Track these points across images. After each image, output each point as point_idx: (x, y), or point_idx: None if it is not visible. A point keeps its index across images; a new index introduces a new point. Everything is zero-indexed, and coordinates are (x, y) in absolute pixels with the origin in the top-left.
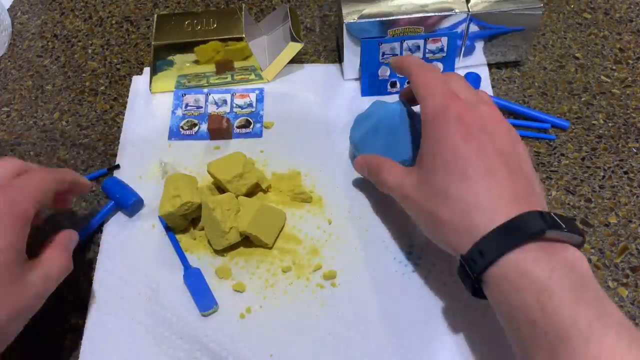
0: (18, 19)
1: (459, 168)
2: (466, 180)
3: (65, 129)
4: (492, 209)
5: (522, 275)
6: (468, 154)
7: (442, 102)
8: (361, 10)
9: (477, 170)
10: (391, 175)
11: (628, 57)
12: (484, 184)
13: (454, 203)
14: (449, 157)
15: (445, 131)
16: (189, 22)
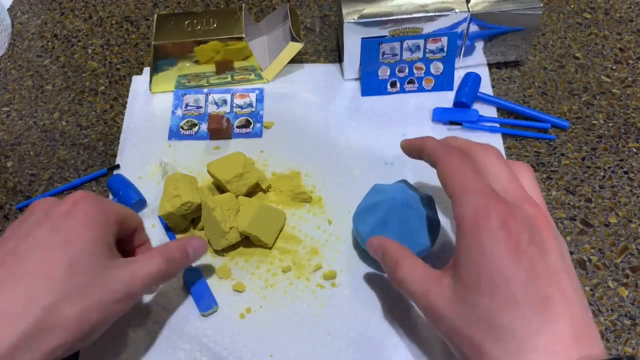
0: (18, 19)
1: (510, 293)
2: (519, 310)
3: (65, 129)
4: (550, 352)
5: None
6: (519, 275)
7: (482, 204)
8: (361, 10)
9: (531, 298)
10: (412, 277)
11: (628, 57)
12: (539, 318)
13: (502, 336)
14: (497, 278)
15: (491, 244)
16: (189, 22)
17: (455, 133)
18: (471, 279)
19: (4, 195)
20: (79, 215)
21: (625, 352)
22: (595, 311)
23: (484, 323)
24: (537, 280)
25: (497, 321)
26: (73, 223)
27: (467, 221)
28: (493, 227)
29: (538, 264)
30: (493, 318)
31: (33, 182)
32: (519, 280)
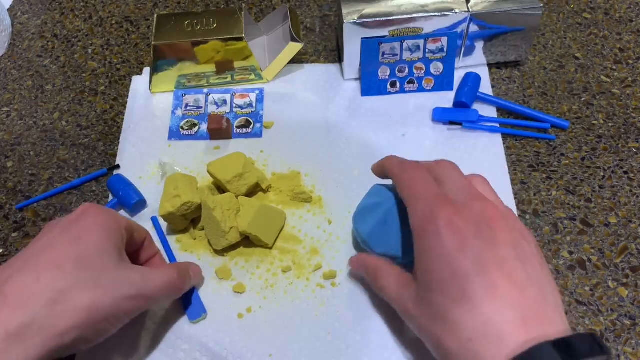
0: (18, 19)
1: (457, 287)
2: (467, 301)
3: (65, 129)
4: (499, 337)
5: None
6: (465, 268)
7: (430, 208)
8: (361, 10)
9: (477, 288)
10: (389, 283)
11: (628, 57)
12: (487, 305)
13: (456, 329)
14: (445, 274)
15: (437, 242)
16: (189, 22)
17: (455, 133)
18: (425, 279)
19: (4, 195)
20: (88, 219)
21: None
22: (595, 311)
23: (441, 319)
24: (484, 270)
25: (450, 316)
26: (82, 225)
27: (417, 226)
28: (439, 227)
29: (485, 255)
30: (447, 313)
31: (33, 182)
32: (466, 273)
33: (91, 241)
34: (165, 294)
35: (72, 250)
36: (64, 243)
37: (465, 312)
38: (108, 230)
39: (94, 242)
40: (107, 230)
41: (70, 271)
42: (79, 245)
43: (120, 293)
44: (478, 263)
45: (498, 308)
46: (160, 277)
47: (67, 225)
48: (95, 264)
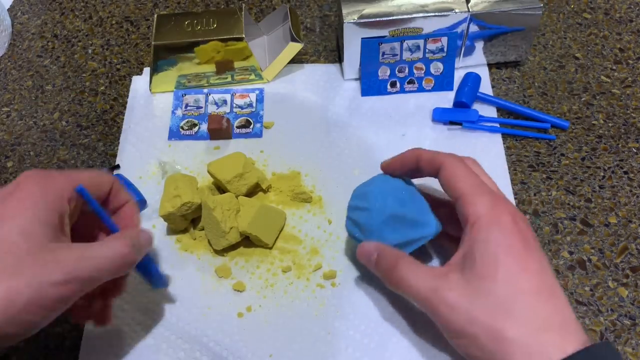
0: (18, 19)
1: (527, 282)
2: (536, 296)
3: (65, 129)
4: (565, 330)
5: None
6: (533, 267)
7: (496, 203)
8: (361, 10)
9: (544, 286)
10: (416, 275)
11: (628, 57)
12: (552, 302)
13: (522, 319)
14: (515, 269)
15: (507, 237)
16: (189, 22)
17: (455, 133)
18: (488, 270)
19: None
20: (21, 193)
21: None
22: (595, 311)
23: (503, 309)
24: (546, 272)
25: (517, 306)
26: (11, 201)
27: (485, 217)
28: (508, 223)
29: (543, 258)
30: (514, 303)
31: None
32: (534, 270)
33: (15, 223)
34: (113, 271)
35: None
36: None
37: (533, 304)
38: (38, 209)
39: (18, 224)
40: (39, 206)
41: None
42: (2, 225)
43: (45, 279)
44: (541, 264)
45: (558, 305)
46: (106, 253)
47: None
48: (17, 248)
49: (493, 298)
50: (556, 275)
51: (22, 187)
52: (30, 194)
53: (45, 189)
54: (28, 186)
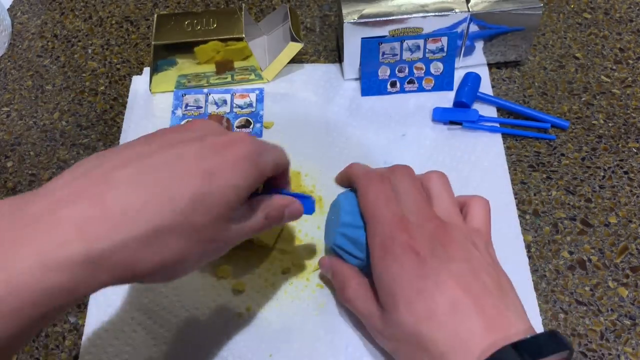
0: (18, 19)
1: (423, 306)
2: (434, 319)
3: (65, 129)
4: (465, 349)
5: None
6: (428, 289)
7: (390, 232)
8: (361, 10)
9: (441, 305)
10: (358, 297)
11: (628, 57)
12: (453, 321)
13: (428, 346)
14: (411, 297)
15: (399, 267)
16: (189, 22)
17: (455, 133)
18: (390, 302)
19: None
20: (230, 155)
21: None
22: (595, 311)
23: (412, 339)
24: (445, 288)
25: (420, 334)
26: (221, 160)
27: (377, 250)
28: (399, 253)
29: (443, 274)
30: (417, 332)
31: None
32: (430, 292)
33: (219, 185)
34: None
35: (194, 187)
36: (191, 173)
37: (433, 328)
38: (244, 178)
39: (221, 188)
40: (242, 178)
41: (180, 210)
42: (205, 185)
43: (211, 247)
44: (438, 281)
45: (462, 321)
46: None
47: (207, 150)
48: (209, 213)
49: (402, 329)
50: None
51: (236, 148)
52: (242, 160)
53: (255, 162)
54: (243, 151)
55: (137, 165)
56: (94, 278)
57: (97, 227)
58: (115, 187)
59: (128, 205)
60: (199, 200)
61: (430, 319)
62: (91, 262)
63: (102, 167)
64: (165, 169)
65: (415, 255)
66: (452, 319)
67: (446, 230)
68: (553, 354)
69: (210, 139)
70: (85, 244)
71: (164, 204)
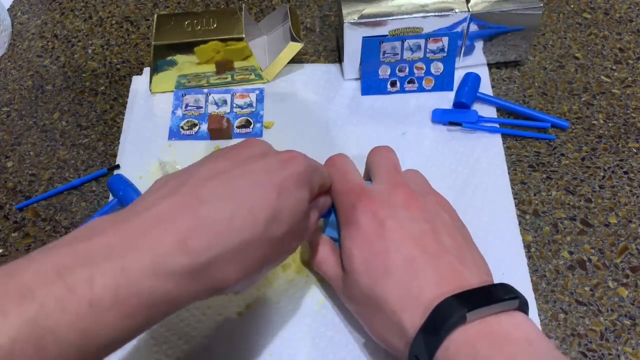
0: (18, 19)
1: (379, 265)
2: (388, 276)
3: (65, 129)
4: (415, 305)
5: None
6: (384, 247)
7: (351, 202)
8: (361, 10)
9: (396, 263)
10: (326, 263)
11: (628, 57)
12: (406, 276)
13: (383, 304)
14: (367, 256)
15: (357, 229)
16: (189, 22)
17: (455, 133)
18: (349, 264)
19: (4, 195)
20: (292, 170)
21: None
22: (595, 311)
23: (369, 298)
24: (401, 246)
25: (375, 293)
26: (287, 174)
27: (342, 218)
28: (358, 217)
29: (400, 233)
30: (372, 291)
31: (33, 182)
32: (385, 251)
33: (291, 201)
34: None
35: (271, 200)
36: (266, 186)
37: (388, 286)
38: (304, 192)
39: (291, 200)
40: (303, 192)
41: (262, 223)
42: (280, 198)
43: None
44: (394, 241)
45: (415, 278)
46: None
47: (272, 165)
48: (282, 225)
49: (361, 289)
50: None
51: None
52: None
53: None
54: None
55: (220, 181)
56: (194, 289)
57: (197, 240)
58: (205, 201)
59: (219, 218)
60: (275, 213)
61: (384, 277)
62: (193, 273)
63: (188, 184)
64: (244, 184)
65: (373, 217)
66: (405, 276)
67: (413, 196)
68: (499, 302)
69: (272, 156)
70: (189, 256)
71: (247, 217)
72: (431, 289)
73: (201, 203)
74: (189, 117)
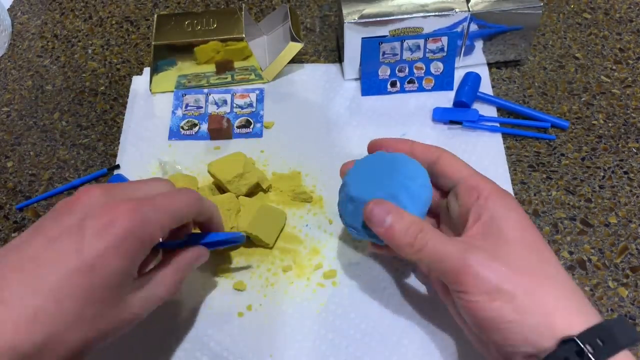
0: (18, 19)
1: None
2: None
3: (65, 129)
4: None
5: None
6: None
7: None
8: (361, 10)
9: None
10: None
11: (628, 57)
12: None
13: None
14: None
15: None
16: (189, 22)
17: (455, 132)
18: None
19: (4, 195)
20: (111, 237)
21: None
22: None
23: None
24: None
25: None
26: (103, 245)
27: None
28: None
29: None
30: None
31: (33, 182)
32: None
33: (104, 274)
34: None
35: (81, 283)
36: (75, 268)
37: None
38: (130, 257)
39: (107, 275)
40: (128, 257)
41: (72, 309)
42: (90, 277)
43: (117, 327)
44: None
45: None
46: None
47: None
48: (100, 300)
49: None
50: None
51: (117, 226)
52: (124, 240)
53: (140, 234)
54: (124, 228)
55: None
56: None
57: None
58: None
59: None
60: (88, 295)
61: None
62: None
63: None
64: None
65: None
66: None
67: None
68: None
69: (89, 222)
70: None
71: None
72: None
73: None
74: (189, 117)
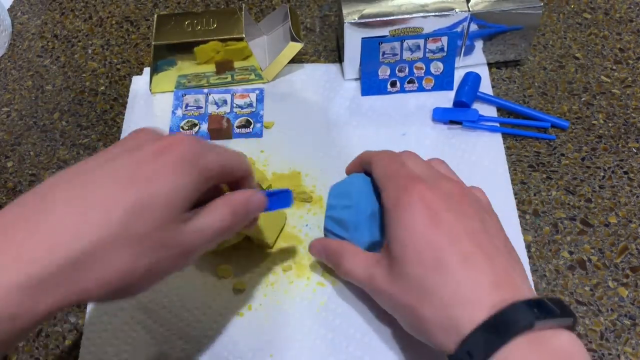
0: (18, 19)
1: (433, 257)
2: (442, 269)
3: (65, 129)
4: (474, 302)
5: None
6: (439, 240)
7: (404, 184)
8: (361, 10)
9: (452, 257)
10: (356, 265)
11: (628, 57)
12: (461, 273)
13: (433, 296)
14: (421, 246)
15: (411, 216)
16: (189, 22)
17: (455, 132)
18: (399, 252)
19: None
20: (169, 158)
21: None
22: (595, 311)
23: (416, 289)
24: (457, 241)
25: (426, 284)
26: (159, 164)
27: (391, 200)
28: (413, 202)
29: (456, 227)
30: (423, 282)
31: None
32: (440, 243)
33: (158, 189)
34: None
35: (130, 196)
36: (127, 182)
37: (441, 279)
38: (184, 179)
39: (160, 191)
40: (183, 178)
41: (117, 220)
42: (142, 190)
43: (164, 254)
44: (451, 234)
45: (471, 275)
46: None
47: (143, 157)
48: (148, 218)
49: (408, 280)
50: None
51: (174, 150)
52: (181, 162)
53: (197, 161)
54: (181, 152)
55: (73, 185)
56: (36, 303)
57: (33, 251)
58: (52, 209)
59: (62, 226)
60: (137, 208)
61: (437, 270)
62: (29, 287)
63: (38, 191)
64: (100, 183)
65: (430, 206)
66: (462, 272)
67: (462, 190)
68: (563, 317)
69: (147, 146)
70: (21, 269)
71: (99, 218)
72: (490, 292)
73: (46, 211)
74: (189, 117)
